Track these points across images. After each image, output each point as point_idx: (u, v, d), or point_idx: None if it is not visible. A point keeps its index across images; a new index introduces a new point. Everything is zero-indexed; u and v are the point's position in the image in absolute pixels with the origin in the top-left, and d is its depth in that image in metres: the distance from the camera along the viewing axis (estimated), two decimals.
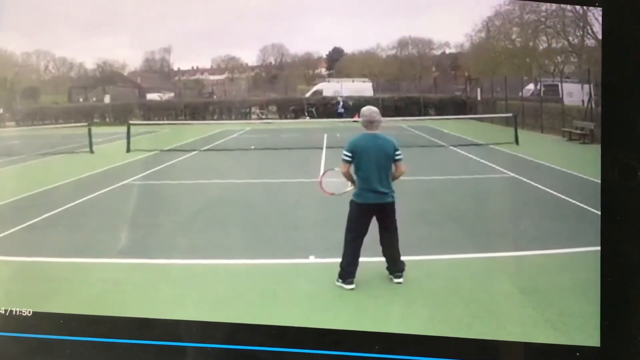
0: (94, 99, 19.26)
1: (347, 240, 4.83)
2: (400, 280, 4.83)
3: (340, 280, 4.78)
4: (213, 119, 18.42)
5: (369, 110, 4.96)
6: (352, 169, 4.84)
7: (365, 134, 4.89)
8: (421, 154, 12.31)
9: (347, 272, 4.77)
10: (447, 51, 20.24)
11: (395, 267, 4.88)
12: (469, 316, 4.20)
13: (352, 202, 4.86)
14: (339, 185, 5.06)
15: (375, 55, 20.49)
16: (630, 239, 2.84)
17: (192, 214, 7.57)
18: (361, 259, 4.82)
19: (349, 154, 4.82)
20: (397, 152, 4.85)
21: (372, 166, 4.76)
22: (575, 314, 4.05)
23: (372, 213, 4.82)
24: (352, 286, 4.72)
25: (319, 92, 19.03)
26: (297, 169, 10.49)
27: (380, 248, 4.90)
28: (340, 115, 17.28)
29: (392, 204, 4.84)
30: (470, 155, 11.80)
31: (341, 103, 17.55)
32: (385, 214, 4.83)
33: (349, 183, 4.92)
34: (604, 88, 2.90)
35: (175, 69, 20.77)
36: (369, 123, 4.90)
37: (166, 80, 20.64)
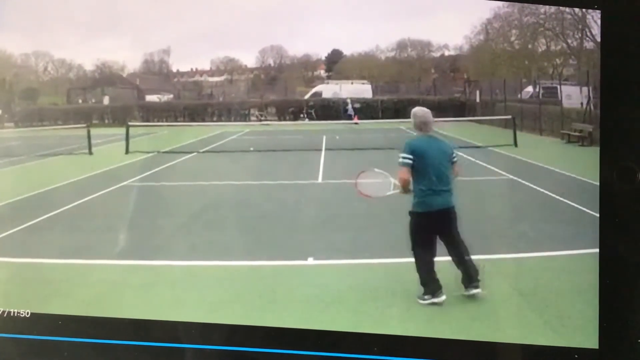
0: (93, 101, 19.25)
1: (417, 255, 4.50)
2: (479, 290, 4.49)
3: (428, 296, 4.45)
4: (212, 121, 18.43)
5: (422, 111, 4.65)
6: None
7: (423, 137, 4.58)
8: None
9: (436, 282, 4.46)
10: (446, 53, 20.27)
11: (470, 279, 4.53)
12: (467, 318, 4.20)
13: (414, 214, 4.49)
14: (378, 187, 4.72)
15: (374, 57, 20.51)
16: (629, 242, 2.84)
17: (191, 216, 7.57)
18: (359, 261, 4.82)
19: (410, 157, 4.45)
20: (454, 154, 4.60)
21: (438, 170, 4.46)
22: (574, 316, 4.05)
23: (438, 220, 4.50)
24: (444, 297, 4.44)
25: (318, 94, 19.03)
26: (296, 171, 10.49)
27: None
28: (350, 117, 17.26)
29: (454, 208, 4.55)
30: (469, 158, 11.81)
31: (350, 104, 17.52)
32: (450, 219, 4.52)
33: (392, 186, 4.61)
34: (603, 90, 2.91)
35: (175, 70, 20.78)
36: (423, 125, 4.60)
37: (165, 81, 20.64)
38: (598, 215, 2.89)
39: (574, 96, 14.66)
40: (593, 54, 14.45)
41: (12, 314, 3.22)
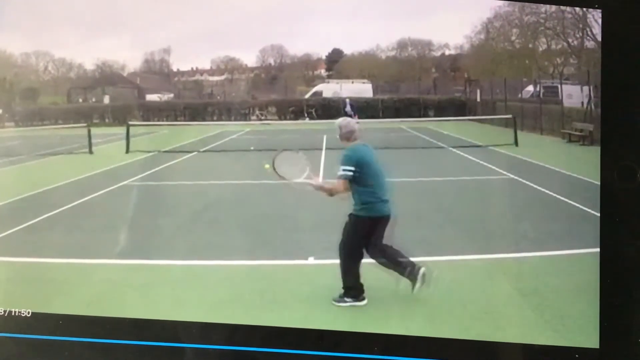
0: (94, 100, 19.25)
1: (354, 259, 4.55)
2: (423, 268, 4.53)
3: (351, 300, 4.50)
4: (212, 120, 18.43)
5: (346, 121, 4.72)
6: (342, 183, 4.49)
7: (359, 145, 4.64)
8: (421, 156, 12.32)
9: (359, 289, 4.53)
10: (447, 52, 20.27)
11: (412, 266, 4.58)
12: (468, 318, 4.20)
13: (360, 218, 4.52)
14: (293, 172, 4.62)
15: (374, 56, 20.51)
16: (630, 241, 2.84)
17: (191, 215, 7.57)
18: (362, 261, 4.81)
19: (351, 169, 4.47)
20: None
21: (379, 177, 4.55)
22: (574, 316, 4.05)
23: (383, 226, 4.54)
24: (366, 301, 4.51)
25: (318, 93, 19.03)
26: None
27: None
28: (349, 116, 17.27)
29: None
30: (469, 157, 11.81)
31: (348, 104, 17.51)
32: (385, 225, 4.57)
33: (305, 175, 4.56)
34: (604, 90, 2.91)
35: (175, 70, 20.79)
36: (351, 133, 4.64)
37: (166, 81, 20.65)
38: (599, 214, 2.89)
39: (574, 95, 14.66)
40: (594, 53, 14.44)
41: (13, 314, 3.22)
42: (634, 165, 2.84)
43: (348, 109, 17.27)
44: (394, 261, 4.60)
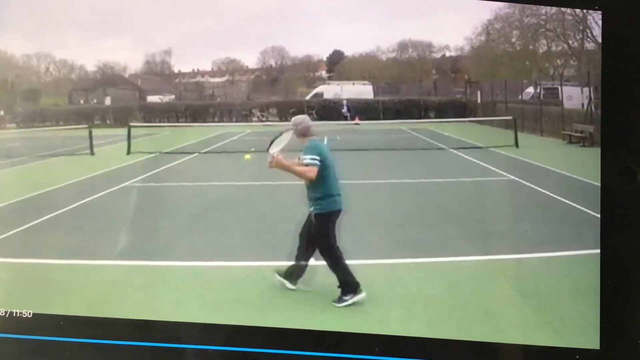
0: (95, 101, 19.27)
1: (337, 255, 4.66)
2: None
3: (350, 296, 4.55)
4: (213, 121, 18.44)
5: (301, 118, 4.91)
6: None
7: (317, 141, 4.85)
8: (421, 157, 12.33)
9: (354, 281, 4.60)
10: (447, 54, 20.25)
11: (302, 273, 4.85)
12: (468, 319, 4.20)
13: (323, 215, 4.68)
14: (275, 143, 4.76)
15: (375, 58, 20.50)
16: (630, 242, 2.84)
17: (192, 216, 7.58)
18: (362, 262, 4.82)
19: (318, 158, 4.67)
20: None
21: (335, 170, 4.78)
22: (575, 317, 4.05)
23: (335, 219, 4.73)
24: (365, 293, 4.57)
25: (319, 95, 19.03)
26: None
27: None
28: (345, 118, 17.26)
29: None
30: (470, 158, 11.81)
31: (345, 106, 17.50)
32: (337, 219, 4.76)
33: (279, 148, 4.69)
34: (604, 91, 2.91)
35: (176, 71, 20.79)
36: (307, 129, 4.83)
37: (167, 82, 20.66)
38: (599, 215, 2.89)
39: (574, 97, 14.65)
40: (594, 54, 14.45)
41: (14, 315, 3.23)
42: (634, 166, 2.84)
43: (345, 110, 17.26)
44: (306, 258, 4.83)
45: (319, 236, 4.68)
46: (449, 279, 5.02)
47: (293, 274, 4.85)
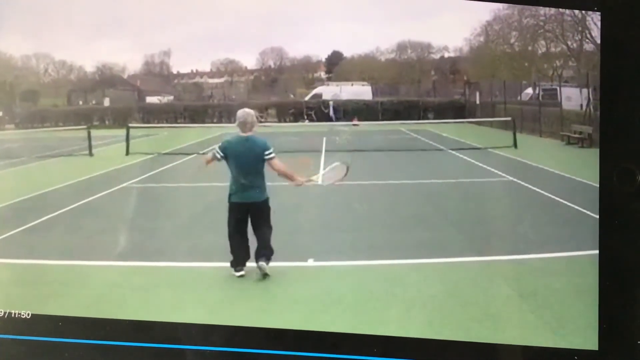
0: (94, 102, 19.24)
1: (230, 238, 5.30)
2: (264, 263, 5.12)
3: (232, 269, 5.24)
4: (212, 122, 18.43)
5: (243, 112, 5.36)
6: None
7: (237, 136, 5.26)
8: (420, 158, 12.34)
9: (237, 260, 5.23)
10: (446, 55, 20.23)
11: (263, 251, 5.24)
12: (467, 320, 4.20)
13: (229, 204, 5.32)
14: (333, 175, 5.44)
15: (374, 59, 20.49)
16: (629, 243, 2.85)
17: (191, 217, 7.58)
18: (359, 262, 4.82)
19: (221, 153, 5.27)
20: (267, 152, 5.27)
21: (242, 168, 5.15)
22: (574, 318, 4.05)
23: (245, 211, 5.23)
24: (242, 272, 5.21)
25: (318, 96, 19.02)
26: (295, 172, 10.47)
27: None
28: (330, 119, 17.09)
29: (265, 202, 5.25)
30: (468, 159, 11.82)
31: (331, 106, 17.35)
32: (260, 211, 5.26)
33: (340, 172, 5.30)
34: (603, 92, 2.92)
35: (175, 72, 20.77)
36: (242, 125, 5.28)
37: (166, 83, 20.64)
38: (598, 216, 2.90)
39: (573, 98, 14.66)
40: (593, 55, 14.46)
41: (13, 315, 3.22)
42: (633, 167, 2.85)
43: (331, 112, 17.10)
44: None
45: (267, 217, 5.27)
46: (448, 280, 5.02)
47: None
